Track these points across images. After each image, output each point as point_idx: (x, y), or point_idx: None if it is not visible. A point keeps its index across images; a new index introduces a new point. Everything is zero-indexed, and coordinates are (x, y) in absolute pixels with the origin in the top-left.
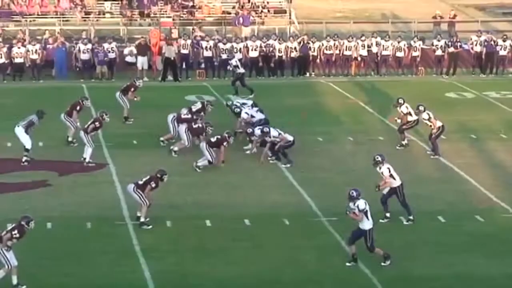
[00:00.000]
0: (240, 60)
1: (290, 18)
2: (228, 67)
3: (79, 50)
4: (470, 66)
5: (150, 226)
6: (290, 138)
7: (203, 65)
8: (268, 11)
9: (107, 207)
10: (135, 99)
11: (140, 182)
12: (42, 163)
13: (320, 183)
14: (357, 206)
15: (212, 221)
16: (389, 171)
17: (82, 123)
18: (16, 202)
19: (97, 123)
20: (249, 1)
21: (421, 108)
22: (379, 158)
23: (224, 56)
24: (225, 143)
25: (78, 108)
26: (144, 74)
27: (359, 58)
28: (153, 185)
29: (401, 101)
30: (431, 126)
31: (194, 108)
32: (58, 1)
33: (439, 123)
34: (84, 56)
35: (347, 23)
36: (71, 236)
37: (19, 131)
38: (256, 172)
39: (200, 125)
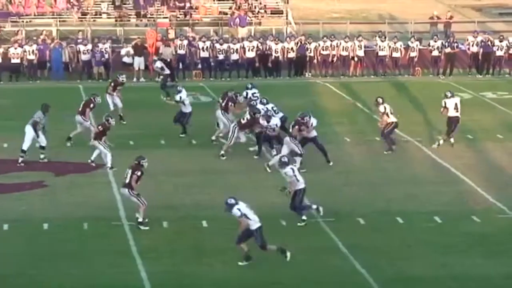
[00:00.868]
0: (164, 61)
1: (286, 18)
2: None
3: (78, 51)
4: (467, 66)
5: (148, 227)
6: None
7: (199, 66)
8: (265, 11)
9: (103, 207)
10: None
11: (128, 181)
12: (39, 164)
13: (318, 184)
14: (235, 215)
15: (209, 221)
16: (293, 172)
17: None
18: (12, 203)
19: (100, 127)
20: (246, 2)
21: (380, 100)
22: (285, 160)
23: (220, 57)
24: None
25: (91, 105)
26: (141, 74)
27: (355, 59)
28: (138, 174)
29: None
30: (381, 120)
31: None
32: (54, 1)
33: (392, 119)
34: (85, 57)
35: (344, 23)
36: (68, 236)
37: (28, 129)
38: (255, 172)
39: (249, 117)
